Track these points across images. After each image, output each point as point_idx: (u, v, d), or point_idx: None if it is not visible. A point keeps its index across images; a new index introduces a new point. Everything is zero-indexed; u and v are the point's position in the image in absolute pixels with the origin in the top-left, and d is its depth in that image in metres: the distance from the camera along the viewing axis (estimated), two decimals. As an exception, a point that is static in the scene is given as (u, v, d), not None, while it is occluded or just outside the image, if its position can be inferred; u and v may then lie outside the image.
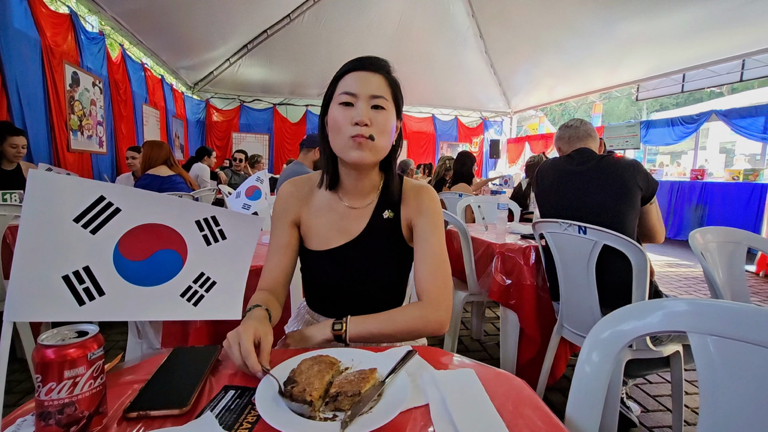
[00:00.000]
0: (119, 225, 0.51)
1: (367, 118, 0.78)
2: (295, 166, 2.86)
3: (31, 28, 3.58)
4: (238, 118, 8.86)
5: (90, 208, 0.49)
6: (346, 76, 0.83)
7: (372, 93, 0.80)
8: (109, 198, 0.50)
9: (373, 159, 0.82)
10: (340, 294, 0.91)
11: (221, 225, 0.59)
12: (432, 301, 0.80)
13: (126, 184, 3.59)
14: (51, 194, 0.46)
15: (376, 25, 7.28)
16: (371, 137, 0.79)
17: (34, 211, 0.45)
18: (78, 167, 4.14)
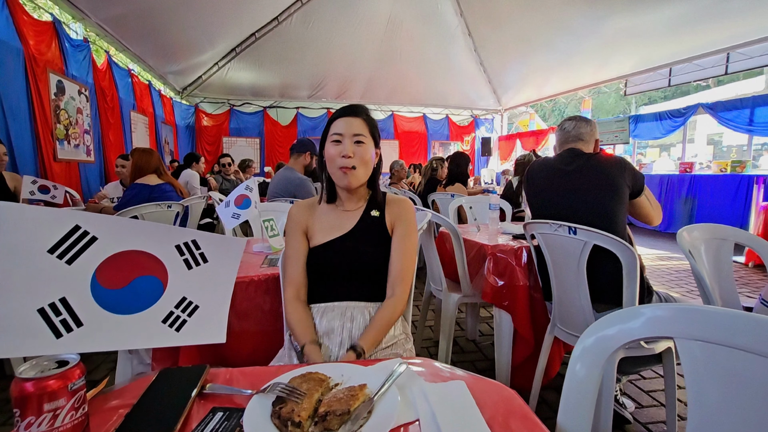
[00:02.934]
0: (96, 254, 0.50)
1: (350, 152, 1.06)
2: (286, 171, 2.84)
3: (13, 37, 3.52)
4: (228, 122, 8.81)
5: (65, 238, 0.48)
6: (336, 121, 1.10)
7: (354, 132, 1.07)
8: (85, 227, 0.49)
9: (358, 183, 1.10)
10: (338, 278, 1.08)
11: (202, 248, 0.59)
12: (400, 297, 1.06)
13: (113, 193, 3.57)
14: (23, 226, 0.45)
15: (365, 26, 7.27)
16: (353, 167, 1.06)
17: (6, 244, 0.44)
18: (65, 177, 4.09)
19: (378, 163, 1.17)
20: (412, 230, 1.13)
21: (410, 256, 1.10)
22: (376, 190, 1.18)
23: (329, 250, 1.09)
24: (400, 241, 1.10)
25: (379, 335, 1.00)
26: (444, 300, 2.02)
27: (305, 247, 1.13)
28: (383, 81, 8.73)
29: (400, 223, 1.12)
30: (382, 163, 1.20)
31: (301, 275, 1.09)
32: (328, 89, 8.77)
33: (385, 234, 1.12)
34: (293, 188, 2.77)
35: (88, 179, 4.53)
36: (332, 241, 1.10)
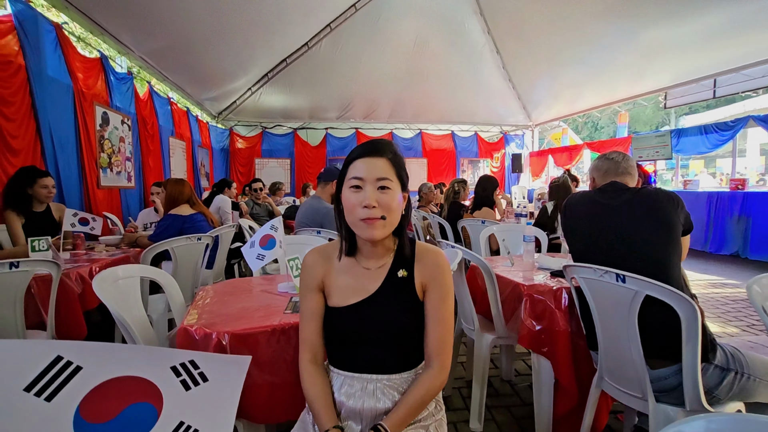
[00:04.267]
0: (80, 386, 0.46)
1: (374, 201, 0.90)
2: (313, 200, 2.84)
3: (64, 75, 3.77)
4: (261, 144, 9.07)
5: (44, 371, 0.44)
6: (355, 162, 0.94)
7: (377, 176, 0.91)
8: (68, 357, 0.45)
9: (384, 235, 0.94)
10: (359, 347, 0.96)
11: (201, 367, 0.53)
12: (442, 369, 0.94)
13: (146, 219, 3.68)
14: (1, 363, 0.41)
15: (392, 47, 7.36)
16: (383, 217, 0.91)
17: None
18: (107, 203, 4.28)
19: (406, 208, 0.99)
20: (448, 292, 0.97)
21: (447, 323, 0.95)
22: (403, 242, 1.00)
23: (349, 315, 0.96)
24: (435, 307, 0.95)
25: (410, 416, 0.90)
26: (477, 341, 1.91)
27: (321, 306, 1.01)
28: (410, 100, 8.76)
29: (433, 285, 0.96)
30: (411, 208, 1.03)
31: (318, 337, 0.99)
32: (356, 110, 8.88)
33: (415, 298, 0.97)
34: (320, 218, 2.75)
35: (129, 204, 4.74)
36: (353, 306, 0.96)
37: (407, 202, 0.99)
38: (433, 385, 0.92)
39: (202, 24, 4.97)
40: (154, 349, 0.52)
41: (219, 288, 1.79)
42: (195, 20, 4.82)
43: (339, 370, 0.98)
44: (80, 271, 2.13)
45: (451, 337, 0.97)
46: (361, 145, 0.97)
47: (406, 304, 0.96)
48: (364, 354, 0.96)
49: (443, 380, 0.94)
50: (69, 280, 2.03)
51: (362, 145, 0.96)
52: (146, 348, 0.52)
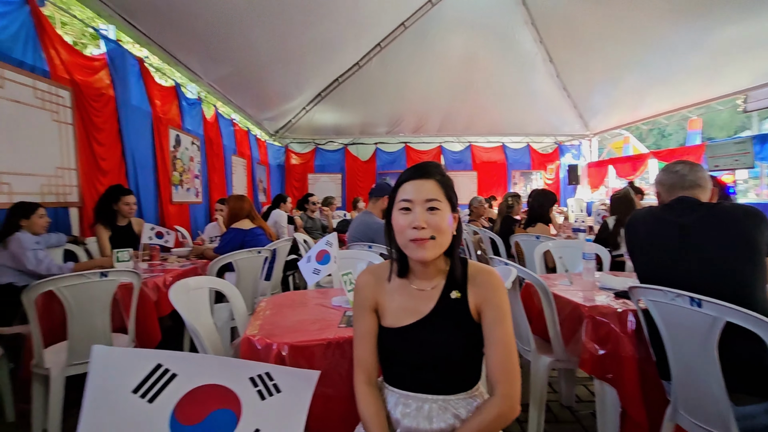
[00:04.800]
0: (176, 390, 0.52)
1: (423, 222, 0.91)
2: (365, 216, 2.91)
3: (144, 102, 4.21)
4: (314, 159, 9.45)
5: (148, 377, 0.51)
6: (404, 185, 0.97)
7: (426, 197, 0.93)
8: (166, 365, 0.52)
9: (435, 255, 0.94)
10: (413, 368, 0.97)
11: (275, 379, 0.58)
12: (506, 396, 0.89)
13: (212, 233, 3.95)
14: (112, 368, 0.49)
15: (440, 61, 7.42)
16: (432, 237, 0.92)
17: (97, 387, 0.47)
18: (178, 217, 4.67)
19: (457, 229, 1.00)
20: (504, 314, 0.94)
21: (507, 347, 0.92)
22: (455, 263, 0.99)
23: (403, 337, 0.97)
24: (491, 330, 0.93)
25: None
26: (533, 362, 1.83)
27: (375, 327, 1.02)
28: (460, 112, 8.72)
29: (488, 307, 0.94)
30: (462, 229, 1.05)
31: (372, 357, 1.00)
32: (406, 124, 8.99)
33: (469, 319, 0.95)
34: (372, 233, 2.81)
35: (196, 218, 5.13)
36: (407, 327, 0.97)
37: (458, 223, 1.00)
38: (496, 414, 0.88)
39: (262, 51, 5.33)
40: (234, 361, 0.58)
41: (277, 300, 1.88)
42: (256, 48, 5.18)
43: (394, 388, 0.99)
44: (156, 281, 2.34)
45: (513, 361, 0.91)
46: (410, 168, 0.99)
47: (460, 326, 0.95)
48: (419, 374, 0.96)
49: (508, 409, 0.89)
50: (146, 288, 2.23)
51: (411, 168, 0.99)
52: (228, 360, 0.58)
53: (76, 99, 3.21)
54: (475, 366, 0.99)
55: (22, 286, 2.29)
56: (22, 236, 2.29)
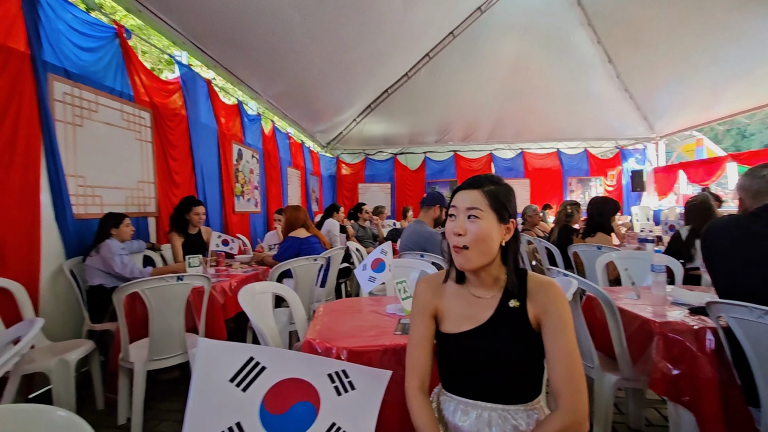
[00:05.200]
0: (265, 381, 0.58)
1: (462, 228, 0.97)
2: (416, 225, 2.93)
3: (211, 120, 4.57)
4: (364, 169, 9.66)
5: (242, 368, 0.57)
6: (455, 195, 1.03)
7: (467, 206, 0.98)
8: (257, 358, 0.58)
9: (470, 265, 0.98)
10: (472, 375, 0.98)
11: (351, 377, 0.63)
12: (569, 409, 0.86)
13: (271, 241, 4.17)
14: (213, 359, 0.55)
15: (490, 68, 7.33)
16: (465, 247, 0.97)
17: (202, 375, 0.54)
18: (239, 226, 4.98)
19: (511, 240, 1.01)
20: (565, 323, 0.93)
21: (570, 358, 0.89)
22: (513, 273, 1.01)
23: (461, 342, 0.99)
24: (552, 340, 0.92)
25: None
26: (597, 380, 1.74)
27: (432, 332, 1.04)
28: (511, 119, 8.51)
29: (548, 315, 0.94)
30: (519, 239, 1.04)
31: (427, 363, 1.01)
32: (455, 132, 8.94)
33: (528, 328, 0.95)
34: (423, 242, 2.82)
35: (255, 227, 5.45)
36: (466, 333, 0.98)
37: (514, 233, 1.01)
38: (560, 429, 0.85)
39: (315, 67, 5.59)
40: (314, 357, 0.63)
41: (333, 306, 1.95)
42: (310, 65, 5.44)
43: (452, 395, 1.01)
44: (222, 285, 2.52)
45: (577, 372, 0.89)
46: (467, 179, 1.06)
47: (518, 334, 0.95)
48: (477, 381, 0.97)
49: (575, 424, 0.85)
50: (215, 292, 2.41)
51: (465, 181, 1.05)
52: (309, 356, 0.63)
53: (154, 119, 3.57)
54: (536, 377, 0.98)
55: (110, 288, 2.57)
56: (111, 243, 2.57)
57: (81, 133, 2.81)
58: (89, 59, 2.94)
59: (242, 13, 3.86)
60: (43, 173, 2.50)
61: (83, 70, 2.86)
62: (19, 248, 2.30)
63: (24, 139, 2.35)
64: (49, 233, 2.53)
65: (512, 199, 1.02)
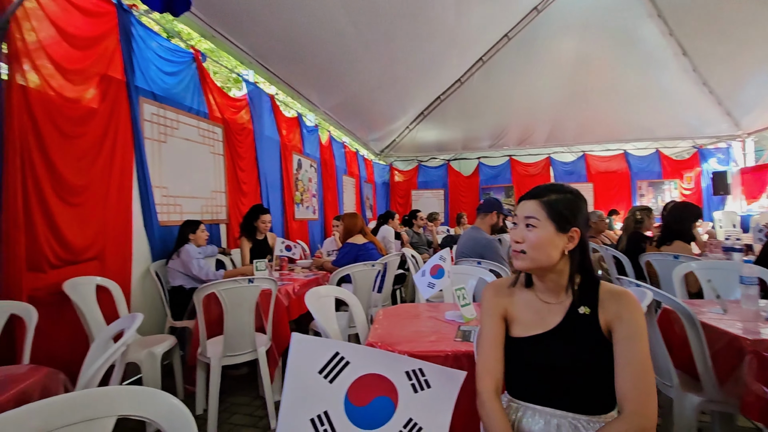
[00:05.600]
0: (349, 375, 0.64)
1: (519, 236, 1.03)
2: (473, 231, 2.90)
3: (274, 132, 4.87)
4: (417, 176, 9.70)
5: (329, 361, 0.62)
6: (518, 204, 1.09)
7: (525, 215, 1.03)
8: (342, 353, 0.63)
9: (529, 267, 1.02)
10: (540, 379, 0.98)
11: (427, 376, 0.66)
12: (636, 414, 0.84)
13: (329, 247, 4.32)
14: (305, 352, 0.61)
15: (549, 68, 7.07)
16: (522, 251, 1.01)
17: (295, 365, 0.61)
18: (299, 232, 5.23)
19: (576, 248, 1.00)
20: (637, 331, 0.91)
21: (641, 366, 0.88)
22: (583, 280, 1.02)
23: (531, 347, 1.00)
24: (625, 346, 0.90)
25: None
26: (677, 401, 1.61)
27: (503, 334, 1.05)
28: (571, 120, 8.11)
29: (621, 322, 0.92)
30: (586, 246, 1.03)
31: (500, 364, 1.02)
32: (510, 137, 8.69)
33: (599, 335, 0.95)
34: (480, 248, 2.79)
35: (314, 233, 5.68)
36: (534, 337, 1.00)
37: (579, 241, 1.01)
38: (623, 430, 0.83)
39: (369, 78, 5.74)
40: (393, 355, 0.67)
41: (392, 311, 1.99)
42: (364, 75, 5.61)
43: (519, 401, 1.01)
44: (287, 288, 2.67)
45: (648, 380, 0.87)
46: None
47: (588, 341, 0.95)
48: (546, 386, 0.97)
49: (639, 429, 0.83)
50: (280, 294, 2.56)
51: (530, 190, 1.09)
52: (388, 353, 0.68)
53: (225, 134, 3.88)
54: (607, 389, 0.94)
55: (188, 288, 2.82)
56: (189, 248, 2.83)
57: (165, 149, 3.13)
58: (172, 82, 3.27)
59: (302, 31, 4.09)
60: (134, 185, 2.82)
61: (167, 92, 3.20)
62: (115, 252, 2.61)
63: (120, 155, 2.68)
64: (139, 238, 2.84)
65: (576, 208, 1.01)
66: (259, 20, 3.74)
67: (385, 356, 0.66)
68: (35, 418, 0.68)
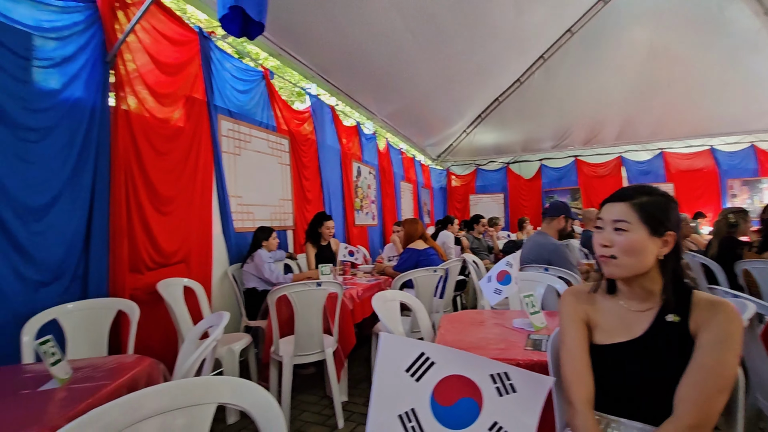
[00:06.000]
0: (434, 375, 0.66)
1: (606, 241, 0.97)
2: (539, 236, 2.79)
3: (335, 142, 5.06)
4: (474, 180, 9.51)
5: (415, 361, 0.65)
6: (602, 207, 1.04)
7: (613, 218, 0.97)
8: (427, 354, 0.66)
9: (620, 274, 0.96)
10: (624, 391, 0.93)
11: (512, 380, 0.66)
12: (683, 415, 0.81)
13: (389, 253, 4.38)
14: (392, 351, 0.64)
15: (618, 62, 6.60)
16: (612, 257, 0.96)
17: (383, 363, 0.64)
18: (359, 238, 5.36)
19: (671, 253, 0.95)
20: (729, 342, 0.84)
21: (715, 372, 0.82)
22: (673, 287, 0.95)
23: (615, 355, 0.95)
24: (703, 352, 0.85)
25: None
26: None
27: (587, 340, 1.00)
28: (645, 116, 7.47)
29: (708, 328, 0.86)
30: (680, 251, 0.97)
31: (590, 371, 0.96)
32: (575, 136, 8.20)
33: (690, 346, 0.88)
34: (547, 254, 2.67)
35: (373, 238, 5.80)
36: (619, 345, 0.95)
37: (673, 246, 0.96)
38: None
39: (426, 83, 5.76)
40: (477, 357, 0.68)
41: (456, 317, 1.98)
42: (421, 82, 5.64)
43: (601, 413, 0.96)
44: (351, 292, 2.75)
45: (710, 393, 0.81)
46: (614, 192, 1.04)
47: (677, 351, 0.89)
48: (631, 398, 0.92)
49: None
50: (345, 298, 2.64)
51: (614, 192, 1.04)
52: (472, 355, 0.69)
53: (291, 145, 4.11)
54: None
55: (261, 291, 3.01)
56: (262, 252, 3.03)
57: (239, 161, 3.39)
58: (244, 99, 3.55)
59: (360, 43, 4.23)
60: (213, 194, 3.09)
61: (240, 109, 3.47)
62: (198, 256, 2.87)
63: (202, 168, 2.95)
64: (218, 243, 3.10)
65: (671, 210, 0.97)
66: (321, 36, 3.93)
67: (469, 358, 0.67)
68: (160, 398, 0.78)
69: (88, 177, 2.16)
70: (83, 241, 2.13)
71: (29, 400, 1.17)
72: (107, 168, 2.25)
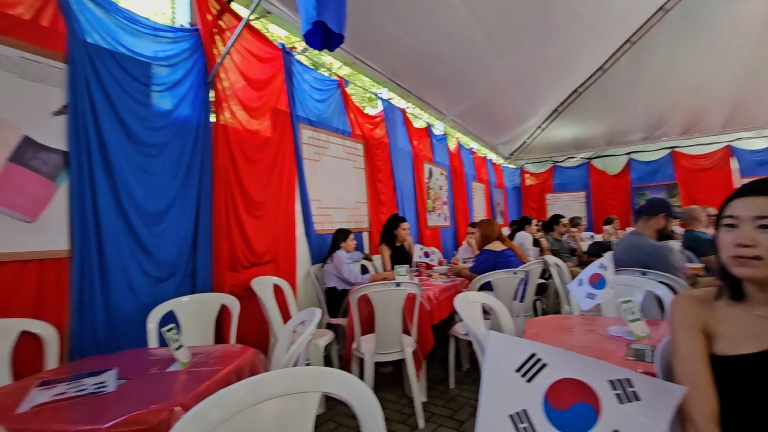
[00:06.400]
0: (547, 377, 0.64)
1: (749, 240, 0.84)
2: (633, 237, 2.55)
3: (406, 144, 5.11)
4: (551, 178, 8.98)
5: (526, 362, 0.64)
6: (732, 202, 0.91)
7: (756, 214, 0.85)
8: (539, 355, 0.64)
9: (762, 275, 0.84)
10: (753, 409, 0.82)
11: (635, 387, 0.62)
12: None
13: (464, 255, 4.30)
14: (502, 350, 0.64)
15: (724, 39, 5.78)
16: (757, 257, 0.83)
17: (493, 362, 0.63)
18: (432, 239, 5.35)
19: None
20: None
21: None
22: None
23: (741, 366, 0.83)
24: None
25: None
26: None
27: (706, 350, 0.88)
28: (759, 97, 6.45)
29: None
30: None
31: (712, 385, 0.83)
32: (671, 125, 7.35)
33: None
34: (644, 257, 2.43)
35: (446, 239, 5.74)
36: (748, 356, 0.83)
37: None
38: None
39: (497, 80, 5.57)
40: (594, 361, 0.66)
41: (542, 322, 1.89)
42: (492, 79, 5.46)
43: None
44: (428, 293, 2.76)
45: None
46: (742, 186, 0.91)
47: None
48: (760, 419, 0.80)
49: None
50: (422, 299, 2.66)
51: (743, 185, 0.91)
52: (589, 359, 0.66)
53: (365, 149, 4.24)
54: None
55: (340, 290, 3.15)
56: (341, 253, 3.16)
57: (318, 167, 3.58)
58: (322, 108, 3.74)
59: (429, 44, 4.22)
60: (296, 199, 3.29)
61: (319, 117, 3.66)
62: (285, 256, 3.09)
63: (287, 174, 3.17)
64: (301, 245, 3.30)
65: None
66: (392, 41, 4.00)
67: (585, 362, 0.64)
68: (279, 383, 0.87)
69: (194, 185, 2.44)
70: (192, 242, 2.41)
71: (160, 379, 1.35)
72: (210, 177, 2.52)
